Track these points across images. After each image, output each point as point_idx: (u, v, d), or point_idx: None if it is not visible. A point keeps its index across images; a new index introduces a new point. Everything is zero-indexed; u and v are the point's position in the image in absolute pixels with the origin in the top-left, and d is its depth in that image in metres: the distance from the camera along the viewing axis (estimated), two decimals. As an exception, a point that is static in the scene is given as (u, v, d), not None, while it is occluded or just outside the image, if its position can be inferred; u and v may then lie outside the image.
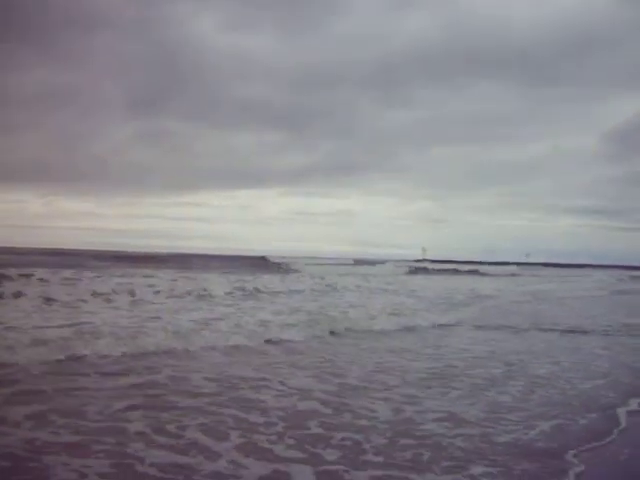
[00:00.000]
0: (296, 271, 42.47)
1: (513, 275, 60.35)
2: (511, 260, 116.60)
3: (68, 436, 5.32)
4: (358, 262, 74.86)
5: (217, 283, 21.56)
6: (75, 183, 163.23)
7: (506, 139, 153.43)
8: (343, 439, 5.52)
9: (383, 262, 72.62)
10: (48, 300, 14.67)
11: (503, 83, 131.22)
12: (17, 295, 15.20)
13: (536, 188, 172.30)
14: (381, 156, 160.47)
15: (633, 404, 7.27)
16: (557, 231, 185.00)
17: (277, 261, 58.60)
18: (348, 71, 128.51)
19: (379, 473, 4.74)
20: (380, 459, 5.02)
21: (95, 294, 16.40)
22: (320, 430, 5.79)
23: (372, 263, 70.16)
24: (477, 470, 4.82)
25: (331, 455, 5.07)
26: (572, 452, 5.35)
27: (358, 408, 6.63)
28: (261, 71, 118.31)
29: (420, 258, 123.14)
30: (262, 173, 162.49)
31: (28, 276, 19.39)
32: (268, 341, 11.07)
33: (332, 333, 12.48)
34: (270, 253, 75.01)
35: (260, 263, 55.49)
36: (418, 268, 63.11)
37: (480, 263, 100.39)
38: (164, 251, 75.29)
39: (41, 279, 19.05)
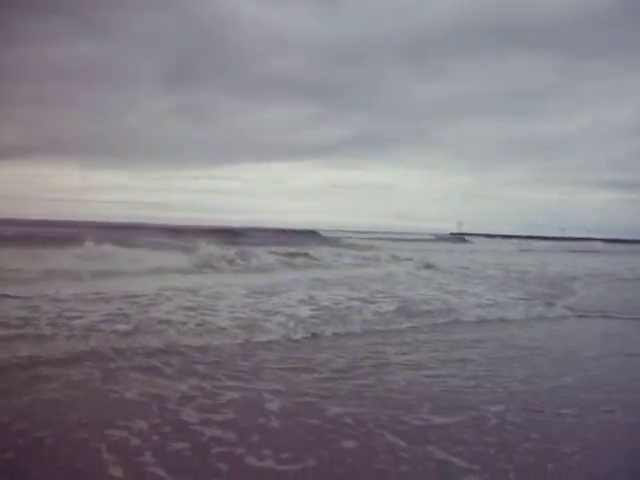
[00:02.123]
0: (371, 247, 38.07)
1: (593, 252, 55.75)
2: (548, 235, 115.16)
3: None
4: (400, 236, 74.10)
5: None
6: (110, 156, 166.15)
7: (541, 112, 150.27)
8: None
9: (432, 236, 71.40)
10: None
11: (538, 56, 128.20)
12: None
13: (571, 162, 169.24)
14: (414, 129, 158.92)
15: None
16: (591, 205, 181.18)
17: (327, 235, 57.97)
18: (381, 43, 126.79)
19: None
20: None
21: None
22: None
23: (413, 238, 69.63)
24: None
25: None
26: None
27: None
28: (294, 44, 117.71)
29: (455, 232, 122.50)
30: (295, 146, 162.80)
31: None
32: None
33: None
34: (305, 226, 75.44)
35: (315, 237, 55.17)
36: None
37: (520, 237, 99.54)
38: (207, 224, 76.01)
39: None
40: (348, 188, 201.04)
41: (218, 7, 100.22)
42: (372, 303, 11.34)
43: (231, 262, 19.74)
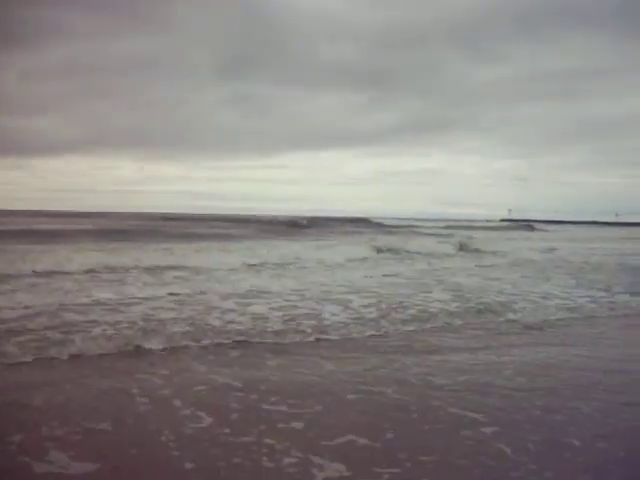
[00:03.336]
0: (437, 234, 38.57)
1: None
2: (599, 220, 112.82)
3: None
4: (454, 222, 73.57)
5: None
6: (166, 148, 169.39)
7: (599, 94, 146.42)
8: None
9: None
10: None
11: (598, 35, 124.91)
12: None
13: (632, 144, 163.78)
14: (466, 114, 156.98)
15: None
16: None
17: (379, 222, 58.63)
18: (433, 28, 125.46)
19: None
20: None
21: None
22: None
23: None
24: None
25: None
26: None
27: None
28: (345, 32, 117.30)
29: (506, 218, 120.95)
30: (346, 134, 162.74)
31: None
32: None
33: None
34: (356, 214, 75.45)
35: (365, 224, 55.64)
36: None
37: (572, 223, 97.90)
38: (268, 213, 76.08)
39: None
40: (398, 175, 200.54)
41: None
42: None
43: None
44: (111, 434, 4.33)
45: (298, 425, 4.56)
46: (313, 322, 8.40)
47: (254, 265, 16.13)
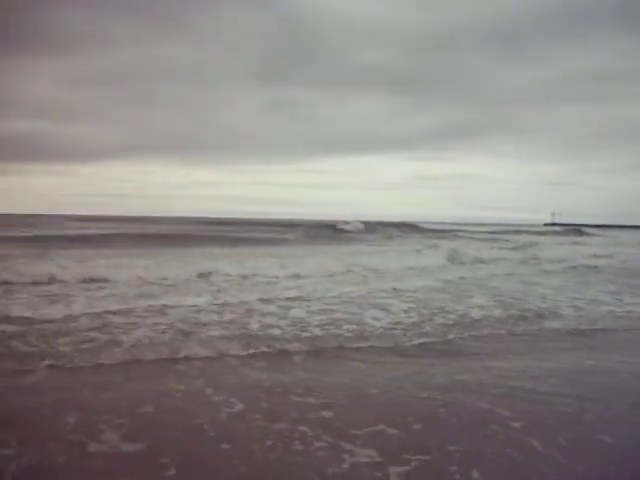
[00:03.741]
0: (489, 239, 38.25)
1: None
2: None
3: None
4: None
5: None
6: (207, 153, 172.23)
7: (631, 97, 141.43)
8: None
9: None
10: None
11: (637, 37, 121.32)
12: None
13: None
14: (504, 118, 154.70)
15: None
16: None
17: (427, 227, 58.03)
18: (466, 31, 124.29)
19: None
20: None
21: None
22: None
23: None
24: None
25: None
26: None
27: None
28: (380, 36, 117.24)
29: (549, 222, 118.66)
30: (383, 138, 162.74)
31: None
32: None
33: None
34: (394, 218, 74.82)
35: (410, 228, 55.25)
36: None
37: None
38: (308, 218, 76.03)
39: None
40: (434, 179, 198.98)
41: (307, 2, 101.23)
42: None
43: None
44: (156, 418, 4.59)
45: (328, 414, 4.68)
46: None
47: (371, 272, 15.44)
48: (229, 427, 4.38)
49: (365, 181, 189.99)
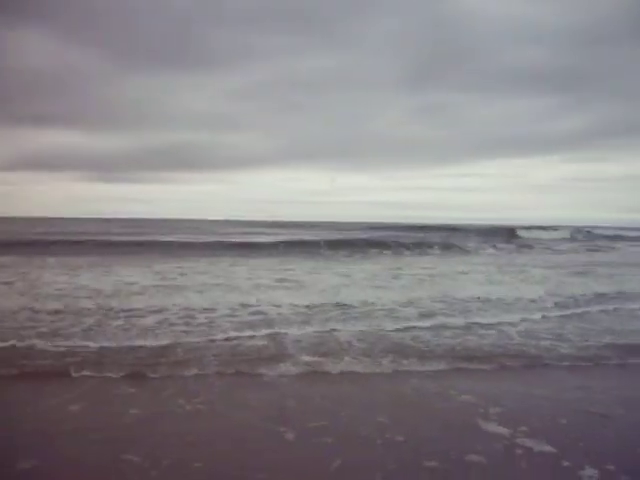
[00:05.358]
0: None
1: None
2: None
3: None
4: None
5: None
6: (355, 159, 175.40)
7: None
8: None
9: None
10: None
11: None
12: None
13: None
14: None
15: None
16: None
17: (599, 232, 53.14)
18: (620, 25, 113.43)
19: None
20: None
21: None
22: None
23: None
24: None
25: None
26: None
27: None
28: (531, 34, 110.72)
29: None
30: (537, 140, 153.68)
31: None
32: None
33: None
34: (546, 222, 69.58)
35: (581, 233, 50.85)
36: None
37: None
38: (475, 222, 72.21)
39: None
40: (592, 181, 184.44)
41: (454, 4, 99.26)
42: None
43: None
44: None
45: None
46: None
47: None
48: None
49: (521, 184, 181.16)
